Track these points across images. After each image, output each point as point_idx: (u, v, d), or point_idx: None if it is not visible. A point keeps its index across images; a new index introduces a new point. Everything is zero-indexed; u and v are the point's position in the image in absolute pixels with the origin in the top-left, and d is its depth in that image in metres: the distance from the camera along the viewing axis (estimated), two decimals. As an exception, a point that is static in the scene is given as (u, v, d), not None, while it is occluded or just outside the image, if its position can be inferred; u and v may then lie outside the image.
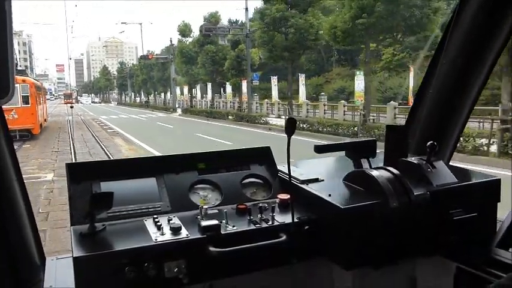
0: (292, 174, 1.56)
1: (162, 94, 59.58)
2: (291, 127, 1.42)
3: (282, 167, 1.85)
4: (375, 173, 1.59)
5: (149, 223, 1.48)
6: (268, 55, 25.51)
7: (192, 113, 37.42)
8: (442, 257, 1.72)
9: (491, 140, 11.68)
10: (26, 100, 19.27)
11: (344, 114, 23.38)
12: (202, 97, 44.83)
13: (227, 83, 35.31)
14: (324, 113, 25.33)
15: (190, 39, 40.05)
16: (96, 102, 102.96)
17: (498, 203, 1.71)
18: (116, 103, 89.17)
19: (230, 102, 38.18)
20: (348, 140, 1.80)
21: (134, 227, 1.48)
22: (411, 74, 19.10)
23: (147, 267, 1.32)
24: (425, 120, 1.98)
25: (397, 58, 32.99)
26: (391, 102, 20.34)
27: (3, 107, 1.31)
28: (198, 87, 44.35)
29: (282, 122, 22.19)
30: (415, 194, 1.53)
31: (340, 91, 34.44)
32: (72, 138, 19.02)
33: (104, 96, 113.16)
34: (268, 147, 1.93)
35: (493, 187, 1.70)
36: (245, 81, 29.28)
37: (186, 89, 45.79)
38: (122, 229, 1.46)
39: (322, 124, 19.24)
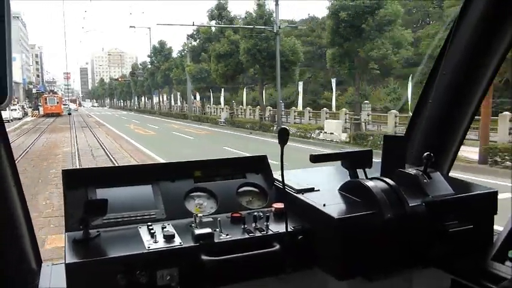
0: (288, 183, 1.59)
1: (129, 101, 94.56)
2: (284, 136, 1.40)
3: (278, 175, 1.78)
4: (370, 183, 1.57)
5: (143, 230, 1.48)
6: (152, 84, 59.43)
7: (138, 111, 71.18)
8: (437, 269, 1.69)
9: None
10: (58, 103, 54.94)
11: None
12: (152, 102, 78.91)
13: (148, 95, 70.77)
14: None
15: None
16: (95, 106, 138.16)
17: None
18: (108, 107, 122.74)
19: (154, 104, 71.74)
20: (344, 150, 1.83)
21: (128, 234, 1.47)
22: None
23: (139, 274, 1.32)
24: (424, 130, 1.97)
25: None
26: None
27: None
28: (145, 97, 78.80)
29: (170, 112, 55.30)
30: (410, 205, 1.52)
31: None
32: (73, 118, 51.64)
33: (101, 102, 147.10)
34: (265, 156, 1.92)
35: (489, 199, 1.67)
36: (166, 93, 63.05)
37: (136, 98, 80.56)
38: (116, 236, 1.45)
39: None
